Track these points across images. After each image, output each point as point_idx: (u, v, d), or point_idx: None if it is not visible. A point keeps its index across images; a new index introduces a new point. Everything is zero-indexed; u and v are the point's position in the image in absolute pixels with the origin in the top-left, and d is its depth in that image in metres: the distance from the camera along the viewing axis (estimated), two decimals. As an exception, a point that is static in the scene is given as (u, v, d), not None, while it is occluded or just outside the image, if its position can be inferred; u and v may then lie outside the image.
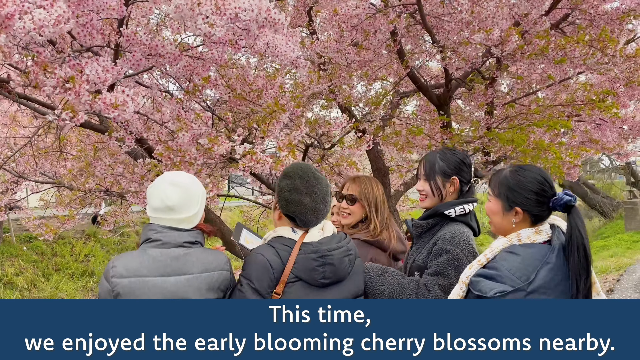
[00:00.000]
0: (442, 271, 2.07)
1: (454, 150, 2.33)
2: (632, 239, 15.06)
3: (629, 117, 6.93)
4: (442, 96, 5.02)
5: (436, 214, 2.21)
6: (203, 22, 2.19)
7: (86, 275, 12.17)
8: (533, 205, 1.82)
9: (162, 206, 1.91)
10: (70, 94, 2.07)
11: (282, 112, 3.02)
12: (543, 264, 1.72)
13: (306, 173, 2.01)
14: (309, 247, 1.96)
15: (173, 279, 1.86)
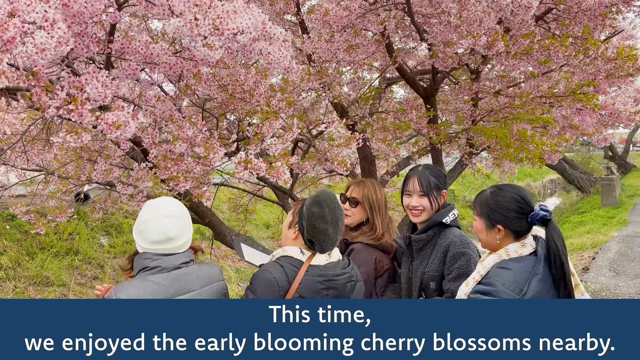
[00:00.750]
0: (466, 271, 2.23)
1: (436, 167, 2.54)
2: (608, 215, 15.52)
3: (609, 104, 7.11)
4: (429, 88, 5.11)
5: (435, 224, 2.37)
6: (202, 43, 2.23)
7: (71, 254, 12.14)
8: (512, 221, 2.00)
9: (163, 238, 1.99)
10: (73, 115, 2.11)
11: (276, 119, 3.09)
12: (533, 275, 1.90)
13: (334, 204, 2.12)
14: (316, 270, 2.06)
15: (180, 299, 1.96)
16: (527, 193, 2.09)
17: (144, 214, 2.03)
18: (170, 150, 2.89)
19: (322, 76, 4.03)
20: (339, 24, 3.68)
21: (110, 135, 2.17)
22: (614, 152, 28.61)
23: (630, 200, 17.97)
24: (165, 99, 3.48)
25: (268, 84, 3.77)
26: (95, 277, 11.77)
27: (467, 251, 2.28)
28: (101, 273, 11.92)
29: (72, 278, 11.33)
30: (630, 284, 7.75)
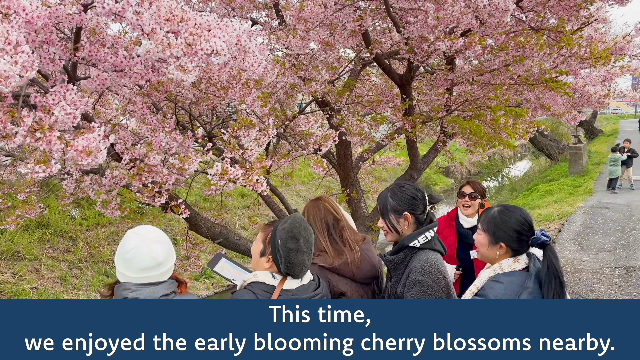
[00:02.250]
0: None
1: (403, 187, 2.41)
2: (574, 184, 15.97)
3: (579, 86, 7.21)
4: (404, 76, 5.08)
5: (403, 247, 2.34)
6: (174, 65, 2.16)
7: (41, 227, 11.94)
8: (514, 241, 2.13)
9: (153, 264, 1.98)
10: (41, 144, 2.05)
11: (252, 127, 3.04)
12: (523, 289, 2.02)
13: (307, 232, 2.09)
14: (288, 294, 2.08)
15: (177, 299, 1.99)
16: (531, 217, 2.19)
17: (129, 242, 1.99)
18: (143, 161, 2.83)
19: (298, 71, 3.97)
20: (314, 21, 3.60)
21: (80, 162, 2.12)
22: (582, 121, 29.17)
23: (596, 168, 18.50)
24: (135, 100, 3.38)
25: (243, 80, 3.69)
26: (68, 251, 11.64)
27: (423, 280, 2.17)
28: (74, 246, 11.79)
29: (44, 252, 11.19)
30: (594, 259, 8.08)
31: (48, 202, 12.63)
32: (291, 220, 2.10)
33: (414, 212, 2.35)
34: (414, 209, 2.35)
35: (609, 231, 9.73)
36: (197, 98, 3.63)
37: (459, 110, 5.02)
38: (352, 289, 2.46)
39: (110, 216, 3.15)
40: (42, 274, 10.74)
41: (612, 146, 15.46)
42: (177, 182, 3.88)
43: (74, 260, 11.46)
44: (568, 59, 3.87)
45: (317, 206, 2.55)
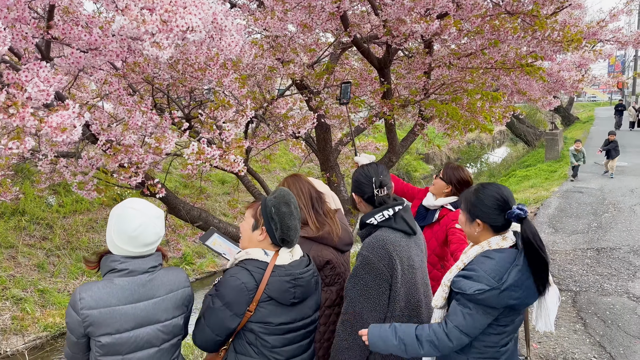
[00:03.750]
0: (356, 273, 2.25)
1: (358, 170, 2.46)
2: (550, 169, 16.29)
3: (554, 71, 7.33)
4: (383, 60, 5.11)
5: (363, 224, 2.41)
6: (149, 42, 2.15)
7: (17, 214, 11.75)
8: (490, 217, 2.16)
9: (156, 239, 2.02)
10: (14, 120, 2.03)
11: (230, 107, 3.04)
12: (513, 266, 2.06)
13: (296, 201, 2.18)
14: (282, 270, 2.12)
15: (142, 305, 1.99)
16: (509, 192, 2.22)
17: (134, 219, 1.97)
18: (120, 136, 2.81)
19: (276, 52, 3.96)
20: (292, 1, 3.59)
21: (55, 139, 2.10)
22: (559, 105, 29.65)
23: (572, 153, 18.84)
24: (112, 80, 3.34)
25: (220, 62, 3.68)
26: (45, 238, 11.48)
27: (367, 255, 2.23)
28: (51, 233, 11.63)
29: (20, 239, 11.02)
30: (567, 241, 8.28)
31: (23, 189, 12.42)
32: (279, 190, 2.18)
33: (359, 193, 2.42)
34: (359, 191, 2.42)
35: (582, 214, 9.97)
36: (174, 79, 3.61)
37: (436, 94, 5.07)
38: (336, 256, 2.59)
39: (87, 197, 3.13)
40: (18, 261, 10.59)
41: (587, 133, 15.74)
42: (153, 163, 3.87)
43: (52, 248, 11.31)
44: (542, 42, 3.93)
45: (299, 181, 2.63)
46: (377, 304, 2.23)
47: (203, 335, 2.12)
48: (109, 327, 1.92)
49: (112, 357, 1.95)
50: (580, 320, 5.28)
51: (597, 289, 6.08)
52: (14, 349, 8.21)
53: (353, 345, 2.26)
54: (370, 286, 2.22)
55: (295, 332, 2.19)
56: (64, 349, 2.05)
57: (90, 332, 1.91)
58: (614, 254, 7.40)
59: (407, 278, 2.28)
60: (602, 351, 4.61)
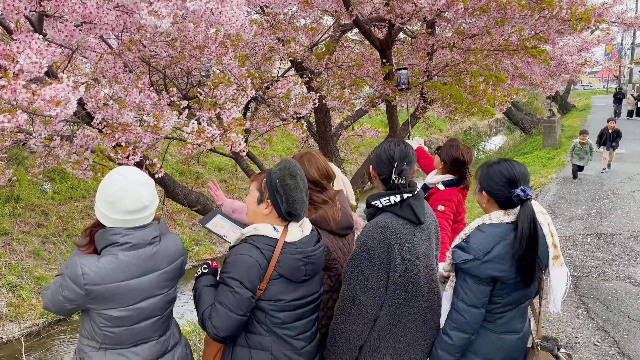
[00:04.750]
0: (354, 259, 2.18)
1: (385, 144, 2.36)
2: (548, 156, 16.25)
3: (557, 54, 7.23)
4: (385, 41, 5.00)
5: (369, 205, 2.31)
6: (147, 10, 2.04)
7: (12, 201, 11.64)
8: (494, 193, 2.21)
9: (139, 207, 1.92)
10: (5, 93, 1.92)
11: (230, 84, 2.94)
12: (501, 240, 2.11)
13: (302, 171, 2.09)
14: (293, 248, 2.04)
15: (147, 278, 1.97)
16: (521, 172, 2.19)
17: (114, 183, 1.91)
18: (116, 116, 2.71)
19: (276, 31, 3.85)
20: (293, -24, 3.48)
21: (49, 112, 2.00)
22: (556, 93, 29.59)
23: (569, 141, 18.80)
24: (107, 57, 3.23)
25: (219, 38, 3.56)
26: (40, 225, 11.38)
27: (365, 240, 2.16)
28: (46, 220, 11.52)
29: (15, 226, 10.92)
30: (566, 226, 8.25)
31: (18, 175, 12.30)
32: (285, 161, 2.08)
33: (378, 171, 2.33)
34: (377, 166, 2.33)
35: (581, 201, 9.93)
36: (171, 58, 3.49)
37: (439, 76, 4.98)
38: (332, 241, 2.49)
39: (82, 177, 3.03)
40: (13, 248, 10.50)
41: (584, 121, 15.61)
42: (151, 145, 3.76)
43: (47, 235, 11.21)
44: (549, 20, 3.84)
45: (307, 159, 2.51)
46: (375, 291, 2.16)
47: (229, 322, 1.97)
48: (115, 302, 1.88)
49: (118, 328, 1.92)
50: (583, 305, 5.24)
51: (599, 274, 6.05)
52: (10, 335, 8.15)
53: (350, 330, 2.20)
54: (368, 272, 2.15)
55: (305, 308, 2.14)
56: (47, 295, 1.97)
57: (92, 306, 1.87)
58: (614, 240, 7.37)
59: (407, 266, 2.19)
60: (605, 335, 4.57)
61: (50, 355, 8.01)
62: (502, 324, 2.20)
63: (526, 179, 2.20)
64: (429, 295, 2.29)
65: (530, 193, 2.15)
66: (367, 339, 2.22)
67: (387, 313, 2.21)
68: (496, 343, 2.21)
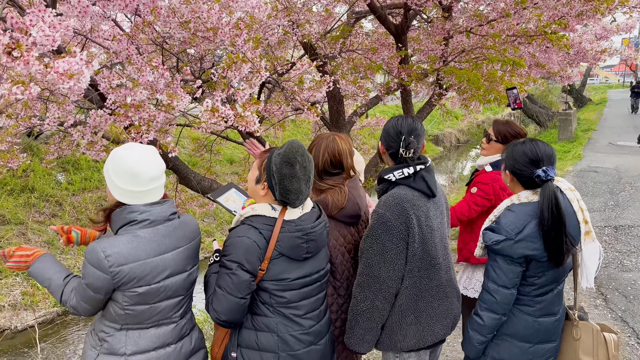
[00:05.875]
0: (371, 233, 2.16)
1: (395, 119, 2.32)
2: (564, 149, 16.02)
3: (576, 42, 7.09)
4: (400, 26, 4.92)
5: (381, 179, 2.30)
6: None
7: (27, 191, 11.75)
8: (517, 172, 2.20)
9: (159, 173, 1.92)
10: (18, 64, 1.89)
11: (244, 63, 2.89)
12: (532, 218, 2.09)
13: (304, 158, 1.99)
14: (292, 226, 1.99)
15: (169, 255, 1.94)
16: (546, 153, 2.15)
17: (129, 157, 1.88)
18: (130, 96, 2.67)
19: (290, 13, 3.79)
20: (308, -44, 3.41)
21: (62, 85, 1.97)
22: (571, 86, 29.18)
23: (585, 134, 18.56)
24: (121, 38, 3.20)
25: (233, 20, 3.51)
26: (54, 215, 11.48)
27: (382, 213, 2.14)
28: (60, 210, 11.62)
29: (30, 216, 11.02)
30: (582, 219, 8.11)
31: (32, 166, 12.42)
32: (288, 145, 1.99)
33: (384, 144, 2.32)
34: (385, 141, 2.32)
35: (598, 193, 9.78)
36: (184, 40, 3.45)
37: (455, 62, 4.88)
38: (330, 227, 2.34)
39: (95, 158, 3.01)
40: (28, 237, 10.60)
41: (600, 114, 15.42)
42: (163, 129, 3.73)
43: (61, 225, 11.33)
44: (571, 1, 3.73)
45: (326, 140, 2.43)
46: (395, 264, 2.14)
47: (228, 305, 1.94)
48: (141, 281, 1.85)
49: (141, 306, 1.89)
50: (601, 295, 5.14)
51: (617, 265, 5.93)
52: (25, 323, 8.23)
53: (371, 308, 2.15)
54: (387, 245, 2.12)
55: (311, 286, 2.09)
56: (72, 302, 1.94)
57: (121, 287, 1.84)
58: (632, 232, 7.23)
59: (425, 237, 2.18)
60: (624, 326, 4.48)
61: (64, 342, 8.08)
62: (541, 308, 2.18)
63: (550, 159, 2.16)
64: (446, 269, 2.28)
65: (552, 173, 2.12)
66: (388, 316, 2.18)
67: (407, 286, 2.17)
68: (534, 326, 2.19)
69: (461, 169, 20.08)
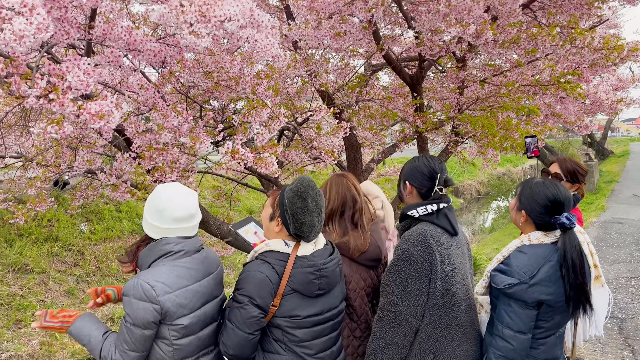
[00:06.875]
0: (394, 267, 2.14)
1: (420, 158, 2.35)
2: (586, 201, 15.78)
3: (591, 92, 7.16)
4: (415, 76, 5.07)
5: (404, 216, 2.31)
6: (188, 31, 2.15)
7: (50, 240, 11.94)
8: (535, 215, 2.15)
9: (187, 215, 1.98)
10: (54, 105, 2.03)
11: (264, 108, 3.03)
12: (546, 262, 2.04)
13: (315, 192, 2.05)
14: (305, 262, 2.02)
15: (205, 281, 2.01)
16: (567, 197, 2.13)
17: (162, 194, 1.98)
18: (155, 140, 2.81)
19: (309, 63, 3.97)
20: (326, 11, 3.61)
21: (93, 125, 2.10)
22: (592, 139, 29.08)
23: (608, 186, 18.32)
24: (147, 87, 3.39)
25: (254, 71, 3.70)
26: (76, 264, 11.60)
27: (406, 248, 2.13)
28: (82, 260, 11.75)
29: (52, 265, 11.16)
30: (609, 270, 7.91)
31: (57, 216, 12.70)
32: (298, 180, 2.06)
33: (414, 184, 2.29)
34: (415, 181, 2.29)
35: (623, 244, 9.55)
36: (208, 88, 3.63)
37: (470, 110, 4.99)
38: (352, 270, 2.40)
39: (120, 199, 3.12)
40: (49, 287, 10.69)
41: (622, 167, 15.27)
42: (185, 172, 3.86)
43: (82, 274, 11.41)
44: (581, 50, 3.84)
45: (341, 182, 2.51)
46: (416, 300, 2.11)
47: (236, 339, 1.96)
48: (185, 308, 1.89)
49: (188, 338, 1.92)
50: (628, 347, 4.95)
51: (646, 317, 5.73)
52: (42, 373, 8.18)
53: (390, 344, 2.13)
54: (409, 281, 2.11)
55: (324, 324, 2.08)
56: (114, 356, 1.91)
57: (168, 317, 1.86)
58: (660, 283, 7.01)
59: (447, 274, 2.16)
60: (655, 379, 4.29)
61: (79, 393, 7.98)
62: (545, 351, 2.10)
63: (570, 204, 2.14)
64: (467, 309, 2.22)
65: (575, 221, 2.08)
66: (407, 355, 2.14)
67: (427, 324, 2.14)
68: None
69: (482, 221, 19.84)
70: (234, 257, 11.74)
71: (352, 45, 5.17)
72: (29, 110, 5.50)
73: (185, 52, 3.48)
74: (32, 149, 5.76)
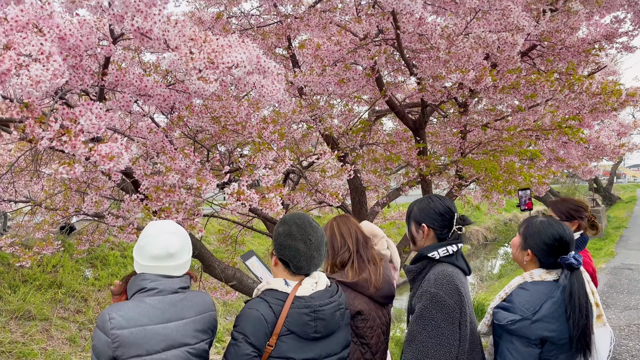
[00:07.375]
0: (423, 313, 2.06)
1: (432, 199, 2.31)
2: (595, 247, 15.61)
3: (593, 137, 7.25)
4: (418, 121, 5.17)
5: (422, 257, 2.25)
6: (196, 76, 2.25)
7: (54, 287, 11.88)
8: (542, 254, 2.15)
9: (163, 254, 1.97)
10: (66, 147, 2.10)
11: (269, 150, 3.10)
12: (548, 298, 2.03)
13: (302, 221, 2.05)
14: (301, 302, 1.99)
15: (173, 325, 1.93)
16: (571, 237, 2.14)
17: (146, 230, 2.02)
18: (162, 182, 2.87)
19: (313, 109, 4.08)
20: (330, 59, 3.75)
21: (103, 166, 2.16)
22: (598, 185, 29.03)
23: (616, 231, 18.13)
24: (156, 131, 3.48)
25: (260, 116, 3.80)
26: (79, 311, 11.49)
27: (435, 292, 2.05)
28: (85, 306, 11.64)
29: (55, 312, 11.04)
30: (620, 316, 7.74)
31: (62, 262, 12.67)
32: (289, 215, 2.10)
33: (433, 226, 2.24)
34: (434, 223, 2.24)
35: (634, 290, 9.38)
36: (215, 133, 3.72)
37: (473, 154, 5.05)
38: (370, 308, 2.39)
39: (126, 241, 3.15)
40: (51, 334, 10.55)
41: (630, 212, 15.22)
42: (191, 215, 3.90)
43: (84, 321, 11.27)
44: (580, 95, 3.93)
45: (349, 222, 2.53)
46: (450, 345, 2.00)
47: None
48: (139, 348, 1.83)
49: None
50: (645, 396, 4.79)
51: (660, 365, 5.57)
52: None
53: None
54: (442, 326, 2.00)
55: None
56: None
57: (119, 354, 1.82)
58: (673, 330, 6.83)
59: (472, 317, 2.13)
60: None
61: None
62: None
63: (574, 244, 2.16)
64: (481, 349, 2.18)
65: (581, 260, 2.09)
66: None
67: None
68: None
69: (490, 268, 19.59)
70: (238, 304, 11.59)
71: (356, 91, 5.32)
72: (39, 155, 5.63)
73: (193, 97, 3.61)
74: (41, 194, 5.85)
